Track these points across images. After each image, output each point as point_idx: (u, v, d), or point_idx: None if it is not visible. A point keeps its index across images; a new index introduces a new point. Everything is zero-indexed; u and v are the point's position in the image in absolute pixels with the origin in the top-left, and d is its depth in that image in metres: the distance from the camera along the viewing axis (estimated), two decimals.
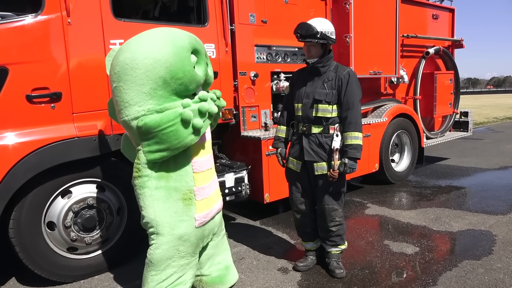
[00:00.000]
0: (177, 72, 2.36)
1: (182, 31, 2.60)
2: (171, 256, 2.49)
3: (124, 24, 3.30)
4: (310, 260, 3.35)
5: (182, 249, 2.52)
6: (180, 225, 2.48)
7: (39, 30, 2.90)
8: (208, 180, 2.63)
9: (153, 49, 2.37)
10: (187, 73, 2.41)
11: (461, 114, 7.62)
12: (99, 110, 3.20)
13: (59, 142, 2.99)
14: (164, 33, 2.50)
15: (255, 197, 4.30)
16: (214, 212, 2.70)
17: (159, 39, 2.42)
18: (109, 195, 3.34)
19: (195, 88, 2.55)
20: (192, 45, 2.50)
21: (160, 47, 2.37)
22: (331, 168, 2.98)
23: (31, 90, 2.88)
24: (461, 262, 3.34)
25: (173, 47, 2.38)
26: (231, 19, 4.06)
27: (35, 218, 3.00)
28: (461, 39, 7.29)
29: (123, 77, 2.38)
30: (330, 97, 3.00)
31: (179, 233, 2.48)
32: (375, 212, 4.78)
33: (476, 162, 7.56)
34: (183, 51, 2.42)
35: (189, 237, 2.52)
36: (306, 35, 2.95)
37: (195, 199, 2.53)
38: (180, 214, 2.48)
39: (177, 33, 2.52)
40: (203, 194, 2.57)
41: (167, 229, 2.46)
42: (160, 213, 2.45)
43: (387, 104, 5.96)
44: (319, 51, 3.04)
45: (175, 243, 2.48)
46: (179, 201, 2.48)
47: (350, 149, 2.95)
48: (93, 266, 3.30)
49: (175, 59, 2.37)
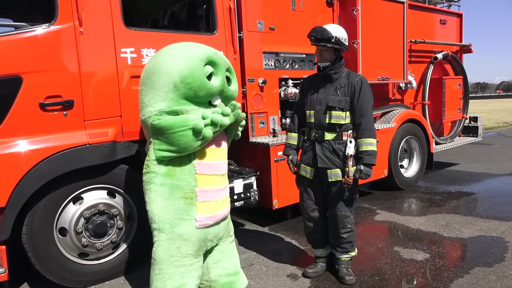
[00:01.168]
0: (187, 77, 2.51)
1: (204, 46, 2.77)
2: (173, 255, 2.56)
3: (135, 33, 3.36)
4: (320, 267, 3.34)
5: (183, 249, 2.58)
6: (180, 223, 2.57)
7: (52, 40, 2.96)
8: (214, 185, 2.66)
9: (171, 58, 2.60)
10: (197, 79, 2.53)
11: (470, 119, 7.56)
12: (110, 117, 3.25)
13: (71, 149, 3.04)
14: (185, 45, 2.73)
15: (264, 203, 4.31)
16: (219, 218, 2.72)
17: (179, 50, 2.65)
18: (120, 201, 3.37)
19: (206, 96, 2.62)
20: (209, 57, 2.62)
21: (177, 56, 2.60)
22: (346, 175, 2.99)
23: (44, 98, 2.94)
24: (473, 269, 3.31)
25: (187, 56, 2.58)
26: (239, 27, 4.11)
27: (48, 224, 3.04)
28: (469, 44, 7.26)
29: (145, 81, 2.64)
30: (344, 104, 3.01)
31: (179, 231, 2.56)
32: (384, 218, 4.76)
33: (487, 168, 7.48)
34: (196, 60, 2.56)
35: (189, 236, 2.58)
36: (321, 38, 2.95)
37: (197, 199, 2.59)
38: (181, 212, 2.57)
39: (196, 46, 2.73)
40: (205, 196, 2.61)
41: (167, 225, 2.57)
42: (162, 209, 2.57)
43: (395, 110, 5.95)
44: (332, 56, 3.04)
45: (175, 241, 2.56)
46: (181, 199, 2.58)
47: (366, 156, 2.96)
48: (104, 271, 3.33)
49: (187, 65, 2.54)
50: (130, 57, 3.31)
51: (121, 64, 3.27)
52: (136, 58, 3.34)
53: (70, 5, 3.00)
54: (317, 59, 3.11)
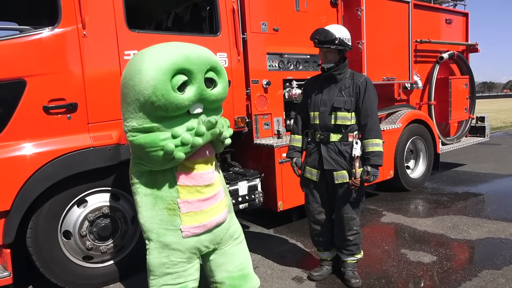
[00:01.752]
0: (150, 95, 2.30)
1: (176, 48, 2.48)
2: (164, 263, 2.55)
3: (138, 35, 3.35)
4: (325, 270, 3.30)
5: (173, 258, 2.55)
6: (166, 233, 2.53)
7: (55, 43, 2.97)
8: (197, 195, 2.57)
9: (135, 71, 2.36)
10: (161, 97, 2.30)
11: (477, 119, 7.48)
12: (114, 120, 3.24)
13: (75, 152, 3.04)
14: (152, 53, 2.43)
15: (269, 205, 4.28)
16: (211, 226, 2.63)
17: (144, 60, 2.37)
18: (124, 204, 3.37)
19: (177, 110, 2.41)
20: (176, 65, 2.35)
21: (140, 69, 2.33)
22: (352, 176, 2.95)
23: (48, 101, 2.94)
24: (481, 271, 3.26)
25: (150, 69, 2.31)
26: (243, 28, 4.09)
27: (52, 227, 3.04)
28: (475, 43, 7.18)
29: (121, 93, 2.52)
30: (349, 105, 2.98)
31: (166, 241, 2.53)
32: (390, 220, 4.71)
33: (494, 168, 7.40)
34: (158, 74, 2.30)
35: (177, 246, 2.53)
36: (324, 41, 2.92)
37: (179, 210, 2.53)
38: (166, 223, 2.53)
39: (163, 53, 2.41)
40: (188, 207, 2.54)
41: (154, 235, 2.54)
42: (147, 219, 2.55)
43: (401, 110, 5.90)
44: (336, 57, 3.01)
45: (164, 250, 2.54)
46: (164, 210, 2.53)
47: (372, 156, 2.94)
48: (108, 274, 3.32)
49: (149, 82, 2.30)
50: None
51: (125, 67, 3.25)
52: None
53: (73, 8, 3.00)
54: (321, 60, 3.08)
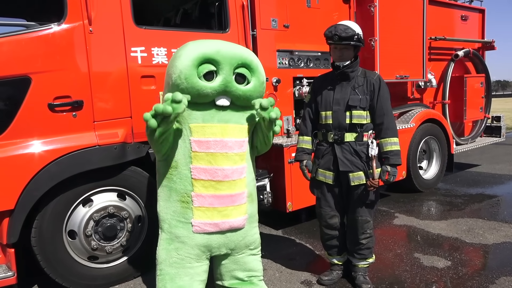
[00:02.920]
0: (176, 78, 2.47)
1: (210, 42, 2.64)
2: (171, 256, 2.54)
3: (145, 32, 3.28)
4: (336, 274, 3.20)
5: (181, 251, 2.54)
6: (178, 225, 2.54)
7: (61, 39, 2.91)
8: (212, 190, 2.52)
9: (172, 57, 2.65)
10: (184, 80, 2.45)
11: (492, 119, 7.28)
12: (120, 118, 3.19)
13: (81, 151, 2.99)
14: (190, 43, 2.63)
15: (278, 206, 4.19)
16: (224, 227, 2.56)
17: (181, 49, 2.62)
18: (130, 204, 3.30)
19: (200, 97, 2.50)
20: (205, 55, 2.49)
21: (175, 56, 2.60)
22: (370, 177, 2.85)
23: (53, 98, 2.89)
24: (498, 278, 3.13)
25: (182, 56, 2.51)
26: (252, 25, 3.99)
27: (57, 227, 3.00)
28: (492, 40, 6.98)
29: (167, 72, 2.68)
30: (364, 103, 2.88)
31: (176, 233, 2.54)
32: (403, 222, 4.58)
33: (510, 169, 7.19)
34: (186, 60, 2.47)
35: (186, 240, 2.53)
36: (345, 37, 2.81)
37: (192, 204, 2.52)
38: (178, 215, 2.55)
39: (197, 44, 2.59)
40: (201, 202, 2.51)
41: (166, 225, 2.58)
42: (163, 209, 2.60)
43: (414, 109, 5.74)
44: (351, 55, 2.91)
45: (173, 242, 2.54)
46: (178, 202, 2.55)
47: (391, 156, 2.84)
48: (114, 275, 3.27)
49: (178, 66, 2.48)
50: (141, 57, 3.23)
51: (131, 64, 3.19)
52: (146, 58, 3.27)
53: (79, 4, 2.94)
54: (336, 57, 2.96)
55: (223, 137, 2.55)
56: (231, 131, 2.59)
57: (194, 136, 2.52)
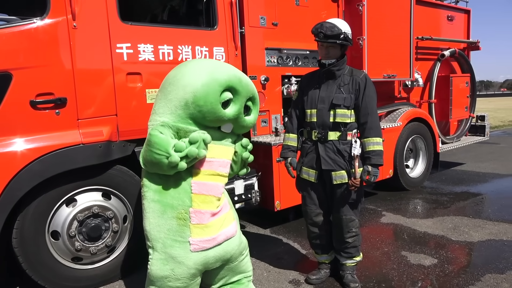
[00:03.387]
0: (200, 98, 2.39)
1: (232, 69, 2.63)
2: (167, 276, 2.38)
3: (131, 28, 3.21)
4: (324, 273, 3.20)
5: (178, 272, 2.37)
6: (174, 244, 2.37)
7: (43, 34, 2.82)
8: (211, 207, 2.47)
9: (192, 73, 2.49)
10: (208, 104, 2.40)
11: (477, 118, 7.39)
12: (105, 116, 3.11)
13: (64, 149, 2.90)
14: (211, 64, 2.60)
15: (266, 205, 4.17)
16: (222, 239, 2.50)
17: (202, 68, 2.53)
18: (115, 203, 3.24)
19: (214, 122, 2.50)
20: (230, 83, 2.48)
21: (198, 74, 2.47)
22: (352, 177, 2.84)
23: (35, 95, 2.80)
24: (484, 276, 3.16)
25: (207, 77, 2.44)
26: (240, 22, 3.95)
27: (39, 227, 2.91)
28: (477, 41, 7.08)
29: (162, 89, 2.57)
30: (349, 102, 2.87)
31: (172, 253, 2.37)
32: (390, 221, 4.61)
33: (494, 168, 7.32)
34: (214, 84, 2.43)
35: (183, 260, 2.37)
36: (331, 35, 2.79)
37: (190, 221, 2.39)
38: (174, 233, 2.38)
39: (222, 68, 2.57)
40: (200, 218, 2.41)
41: (160, 245, 2.39)
42: (154, 227, 2.40)
43: (401, 108, 5.79)
44: (338, 53, 2.90)
45: (169, 262, 2.37)
46: (174, 219, 2.38)
47: (373, 156, 2.82)
48: (98, 276, 3.20)
49: (203, 87, 2.41)
50: (126, 53, 3.16)
51: (117, 60, 3.12)
52: (132, 54, 3.20)
53: None
54: (322, 55, 2.95)
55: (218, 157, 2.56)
56: (219, 151, 2.59)
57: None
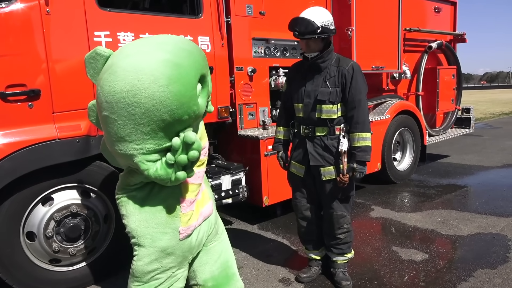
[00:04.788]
0: (182, 115, 1.98)
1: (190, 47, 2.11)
2: (154, 269, 2.25)
3: (110, 15, 3.01)
4: (314, 271, 3.10)
5: (166, 262, 2.27)
6: (163, 237, 2.23)
7: (13, 21, 2.60)
8: (195, 194, 2.35)
9: (155, 86, 1.87)
10: (192, 114, 2.04)
11: (462, 111, 7.41)
12: (83, 109, 2.89)
13: (38, 145, 2.71)
14: (168, 60, 1.95)
15: (253, 200, 4.05)
16: (200, 221, 2.39)
17: (163, 71, 1.90)
18: (95, 202, 3.06)
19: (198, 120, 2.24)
20: (199, 73, 2.08)
21: (163, 84, 1.88)
22: (340, 173, 2.74)
23: (5, 87, 2.59)
24: (475, 271, 3.12)
25: (179, 86, 1.92)
26: (226, 11, 3.79)
27: (13, 228, 2.72)
28: (463, 33, 7.07)
29: (118, 111, 1.92)
30: (334, 96, 2.72)
31: (162, 245, 2.23)
32: (379, 215, 4.55)
33: (478, 160, 7.37)
34: (190, 89, 1.99)
35: (173, 250, 2.27)
36: (305, 31, 2.63)
37: (181, 211, 2.26)
38: (163, 226, 2.23)
39: (183, 59, 2.00)
40: (190, 207, 2.30)
41: (148, 240, 2.22)
42: (140, 223, 2.22)
43: (389, 101, 5.73)
44: (319, 45, 2.74)
45: (158, 255, 2.25)
46: (163, 212, 2.24)
47: (358, 152, 2.70)
48: (78, 278, 3.03)
49: (181, 101, 1.95)
50: (105, 42, 2.97)
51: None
52: (111, 43, 3.00)
53: None
54: (303, 49, 2.80)
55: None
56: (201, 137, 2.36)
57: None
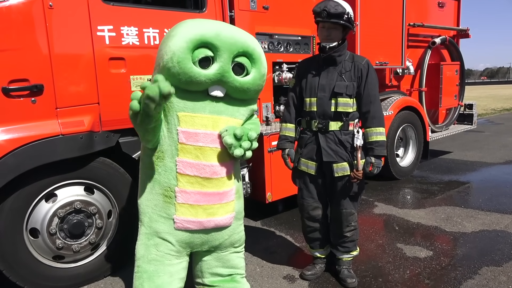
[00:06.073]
0: (167, 61, 2.19)
1: (215, 23, 2.36)
2: (150, 252, 2.34)
3: (113, 9, 2.96)
4: (319, 268, 3.09)
5: (161, 248, 2.33)
6: (158, 219, 2.33)
7: (16, 14, 2.56)
8: (198, 187, 2.30)
9: (165, 36, 2.35)
10: (176, 64, 2.17)
11: (465, 107, 7.38)
12: (87, 104, 2.89)
13: (41, 141, 2.67)
14: (186, 23, 2.33)
15: (257, 197, 4.03)
16: (208, 226, 2.35)
17: (175, 28, 2.32)
18: (99, 198, 3.04)
19: (192, 84, 2.23)
20: (203, 38, 2.20)
21: (169, 35, 2.29)
22: (354, 168, 2.72)
23: (8, 82, 2.55)
24: (481, 268, 3.11)
25: (176, 36, 2.21)
26: (230, 5, 3.74)
27: (16, 225, 2.70)
28: (467, 28, 7.02)
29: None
30: (351, 90, 2.71)
31: (156, 228, 2.33)
32: (382, 211, 4.54)
33: (481, 156, 7.35)
34: (180, 41, 2.18)
35: (167, 236, 2.32)
36: (335, 13, 2.59)
37: (176, 200, 2.29)
38: (160, 209, 2.33)
39: (196, 24, 2.29)
40: (185, 198, 2.29)
41: (146, 219, 2.37)
42: (143, 201, 2.39)
43: (392, 97, 5.69)
44: (339, 36, 2.71)
45: (153, 237, 2.34)
46: (160, 196, 2.33)
47: (376, 147, 2.70)
48: (81, 275, 3.01)
49: (171, 47, 2.19)
50: (108, 36, 2.92)
51: (98, 44, 2.88)
52: (115, 37, 2.96)
53: None
54: (323, 37, 2.75)
55: (214, 129, 2.31)
56: (223, 124, 2.33)
57: (182, 126, 2.26)
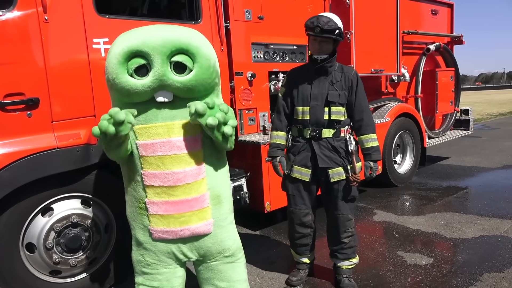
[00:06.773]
0: (108, 80, 2.25)
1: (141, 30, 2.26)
2: (140, 260, 2.39)
3: (109, 21, 2.98)
4: (303, 273, 3.13)
5: (147, 258, 2.37)
6: (139, 231, 2.37)
7: (11, 29, 2.56)
8: (165, 197, 2.26)
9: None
10: (112, 81, 2.20)
11: (461, 112, 7.41)
12: (83, 117, 2.88)
13: (37, 154, 2.66)
14: (120, 36, 2.30)
15: (255, 206, 4.00)
16: (184, 234, 2.29)
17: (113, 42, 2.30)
18: (96, 211, 3.01)
19: (133, 96, 2.19)
20: (131, 49, 2.13)
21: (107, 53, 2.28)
22: (352, 172, 2.79)
23: (4, 96, 2.54)
24: (482, 275, 3.09)
25: (110, 52, 2.23)
26: (225, 16, 3.76)
27: (12, 240, 2.67)
28: (460, 35, 7.08)
29: None
30: (343, 99, 2.82)
31: (139, 239, 2.38)
32: (381, 219, 4.52)
33: (478, 161, 7.36)
34: (112, 58, 2.18)
35: (148, 246, 2.35)
36: (327, 30, 2.68)
37: (147, 211, 2.30)
38: (139, 221, 2.36)
39: (124, 36, 2.25)
40: (155, 209, 2.27)
41: (132, 231, 2.43)
42: (128, 213, 2.43)
43: (388, 104, 5.71)
44: (330, 48, 2.80)
45: (138, 247, 2.39)
46: (137, 208, 2.36)
47: (373, 152, 2.83)
48: None
49: (106, 66, 2.24)
50: (104, 49, 2.93)
51: (94, 57, 2.89)
52: None
53: None
54: (314, 50, 2.82)
55: (170, 136, 2.24)
56: (178, 129, 2.26)
57: (140, 139, 2.24)
